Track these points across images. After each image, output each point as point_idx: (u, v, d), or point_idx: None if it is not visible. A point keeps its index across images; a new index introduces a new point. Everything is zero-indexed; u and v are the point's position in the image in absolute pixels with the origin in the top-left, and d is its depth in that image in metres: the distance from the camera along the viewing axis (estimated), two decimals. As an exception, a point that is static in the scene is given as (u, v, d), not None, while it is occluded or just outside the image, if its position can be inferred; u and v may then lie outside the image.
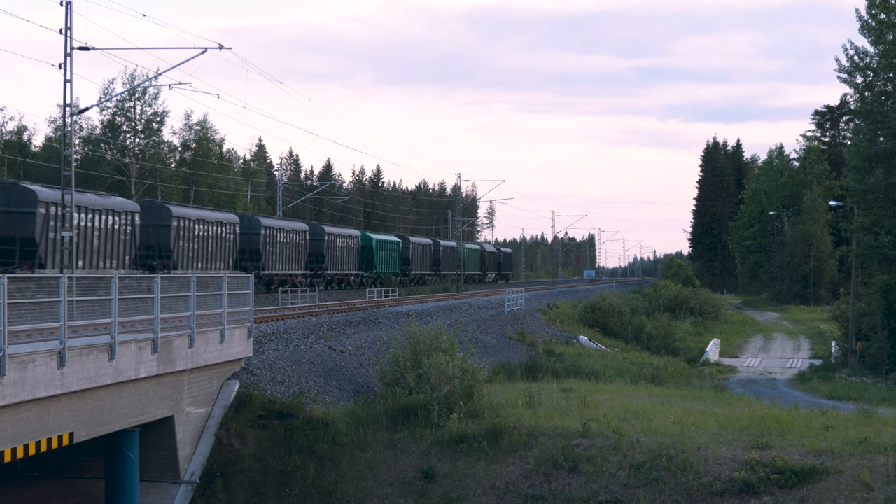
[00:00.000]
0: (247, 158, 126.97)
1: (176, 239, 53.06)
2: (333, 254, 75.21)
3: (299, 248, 69.08)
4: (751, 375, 48.26)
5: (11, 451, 17.03)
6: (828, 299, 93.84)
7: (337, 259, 75.70)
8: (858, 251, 51.20)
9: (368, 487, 22.72)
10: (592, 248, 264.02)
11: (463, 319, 45.03)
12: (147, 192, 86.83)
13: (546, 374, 36.17)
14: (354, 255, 79.68)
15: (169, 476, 22.48)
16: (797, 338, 68.83)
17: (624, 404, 27.69)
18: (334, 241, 75.48)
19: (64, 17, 38.37)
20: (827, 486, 20.90)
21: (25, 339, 18.18)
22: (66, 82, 38.86)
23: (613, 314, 64.12)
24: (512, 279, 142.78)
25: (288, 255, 66.76)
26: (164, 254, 52.57)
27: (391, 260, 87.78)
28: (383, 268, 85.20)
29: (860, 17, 49.76)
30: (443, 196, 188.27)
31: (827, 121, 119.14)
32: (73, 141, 40.05)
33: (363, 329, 37.92)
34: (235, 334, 25.00)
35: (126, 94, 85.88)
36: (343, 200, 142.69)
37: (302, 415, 24.33)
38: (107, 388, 19.32)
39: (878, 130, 49.47)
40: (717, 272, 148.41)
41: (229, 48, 41.72)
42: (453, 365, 27.40)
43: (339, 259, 76.14)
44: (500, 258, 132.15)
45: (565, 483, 22.08)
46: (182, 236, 53.85)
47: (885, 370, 45.78)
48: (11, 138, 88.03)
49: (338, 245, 76.02)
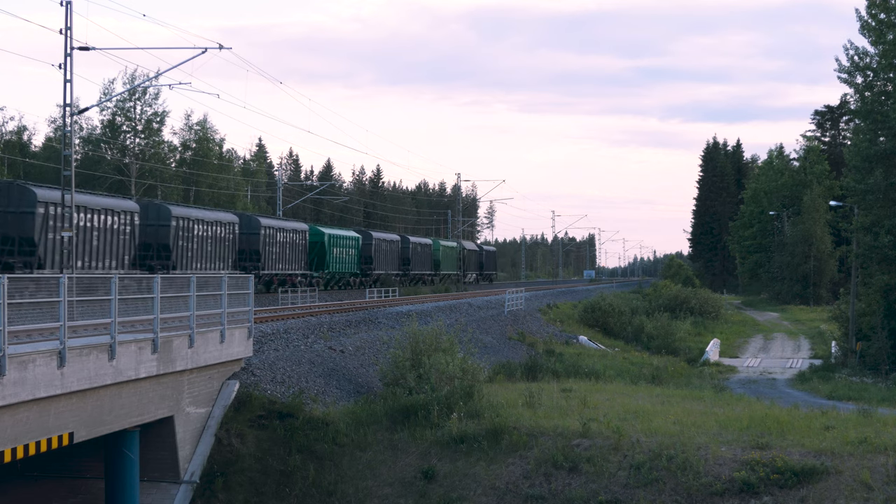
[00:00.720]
0: (247, 158, 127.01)
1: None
2: (272, 250, 64.54)
3: (225, 242, 58.42)
4: (751, 375, 48.26)
5: (11, 451, 17.03)
6: (828, 299, 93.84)
7: (277, 256, 65.02)
8: (858, 251, 51.20)
9: (368, 487, 22.72)
10: (592, 248, 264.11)
11: (463, 319, 45.03)
12: (147, 192, 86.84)
13: (546, 374, 36.17)
14: (300, 252, 68.87)
15: (169, 476, 22.48)
16: (797, 338, 68.83)
17: (624, 404, 27.69)
18: (273, 236, 64.73)
19: (64, 17, 38.42)
20: (827, 486, 20.90)
21: (25, 339, 18.18)
22: (66, 82, 38.87)
23: (613, 314, 64.13)
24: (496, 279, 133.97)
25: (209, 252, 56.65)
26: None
27: (348, 258, 77.31)
28: (338, 267, 75.18)
29: (860, 17, 49.77)
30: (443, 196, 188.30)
31: (827, 121, 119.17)
32: (73, 141, 40.07)
33: (363, 329, 37.92)
34: (235, 334, 25.00)
35: (126, 94, 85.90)
36: (343, 200, 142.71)
37: (302, 415, 24.33)
38: (107, 388, 19.32)
39: (878, 130, 49.48)
40: (717, 272, 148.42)
41: (229, 48, 41.77)
42: (453, 365, 27.40)
43: (279, 256, 65.29)
44: (481, 257, 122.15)
45: (565, 483, 22.08)
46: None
47: (885, 370, 45.78)
48: (11, 138, 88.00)
49: (278, 240, 65.08)
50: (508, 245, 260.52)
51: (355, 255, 78.81)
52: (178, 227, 53.10)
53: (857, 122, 54.10)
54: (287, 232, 63.99)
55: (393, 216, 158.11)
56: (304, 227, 67.28)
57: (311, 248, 70.96)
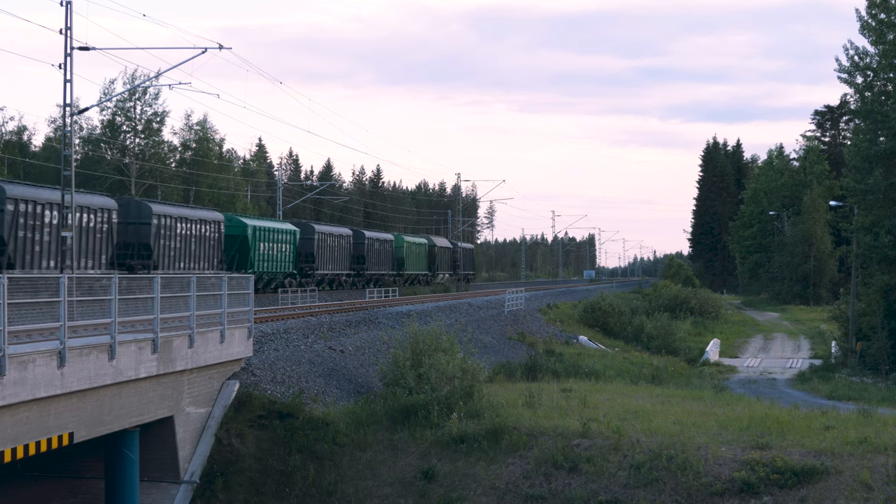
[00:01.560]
0: (247, 158, 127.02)
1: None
2: (169, 245, 51.77)
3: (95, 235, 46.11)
4: (751, 375, 48.25)
5: (11, 451, 17.03)
6: (828, 299, 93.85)
7: (176, 252, 52.63)
8: (858, 251, 51.19)
9: (368, 487, 22.72)
10: (592, 248, 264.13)
11: (463, 319, 45.06)
12: (147, 192, 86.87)
13: (546, 374, 36.18)
14: (211, 247, 56.41)
15: (169, 476, 22.48)
16: (797, 338, 68.82)
17: (624, 404, 27.69)
18: (171, 227, 51.99)
19: (64, 17, 38.40)
20: (827, 486, 20.90)
21: (25, 339, 18.18)
22: (66, 82, 38.87)
23: (613, 314, 64.14)
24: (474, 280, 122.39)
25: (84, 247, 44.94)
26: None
27: (280, 256, 64.73)
28: (267, 266, 62.79)
29: (860, 17, 49.77)
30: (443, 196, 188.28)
31: (827, 121, 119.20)
32: (73, 141, 40.05)
33: (363, 329, 37.93)
34: (235, 334, 25.01)
35: (126, 94, 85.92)
36: (343, 200, 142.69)
37: (302, 415, 24.33)
38: (107, 388, 19.32)
39: (878, 130, 49.48)
40: (717, 272, 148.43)
41: (229, 48, 41.77)
42: (453, 365, 27.41)
43: (179, 252, 52.92)
44: (456, 255, 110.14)
45: (565, 483, 22.08)
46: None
47: (885, 370, 45.79)
48: (11, 138, 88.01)
49: (178, 232, 52.67)
50: (508, 245, 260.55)
51: (290, 252, 66.08)
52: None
53: (857, 122, 54.09)
54: (192, 222, 53.69)
55: (393, 216, 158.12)
56: (218, 217, 57.26)
57: (230, 242, 59.31)
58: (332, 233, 75.28)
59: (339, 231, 77.44)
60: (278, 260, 64.44)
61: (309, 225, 72.04)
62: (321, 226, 75.16)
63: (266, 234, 62.66)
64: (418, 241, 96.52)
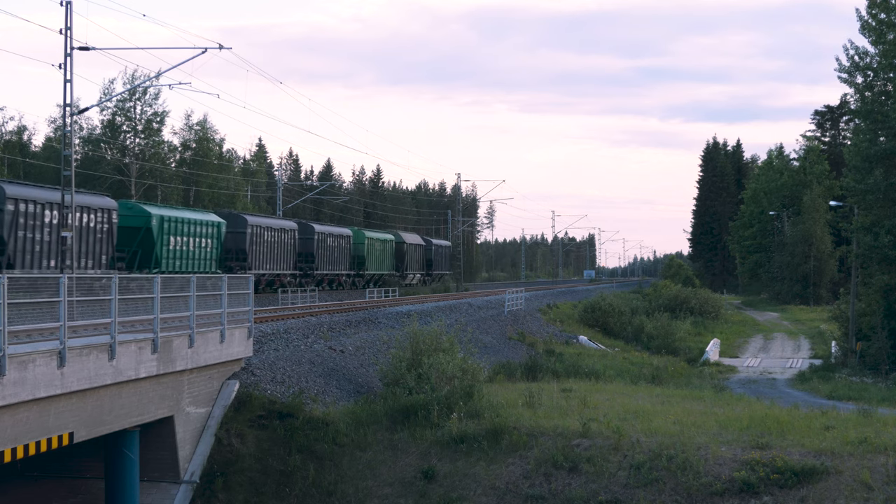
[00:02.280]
0: (247, 158, 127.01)
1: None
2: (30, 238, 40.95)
3: None
4: (751, 375, 48.25)
5: (11, 451, 17.02)
6: (828, 299, 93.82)
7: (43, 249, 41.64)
8: (858, 251, 51.18)
9: (368, 487, 22.72)
10: (592, 248, 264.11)
11: (463, 319, 45.07)
12: (147, 192, 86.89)
13: (546, 374, 36.18)
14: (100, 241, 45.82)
15: (169, 476, 22.48)
16: (797, 338, 68.81)
17: (624, 404, 27.69)
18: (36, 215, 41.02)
19: (64, 17, 38.41)
20: (827, 486, 20.89)
21: (25, 339, 18.18)
22: (66, 82, 38.87)
23: (613, 314, 64.14)
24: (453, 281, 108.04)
25: None
26: None
27: (199, 253, 54.15)
28: (179, 265, 52.18)
29: (860, 16, 49.75)
30: (443, 196, 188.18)
31: (827, 121, 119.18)
32: (73, 141, 40.05)
33: (363, 329, 37.93)
34: (235, 334, 25.00)
35: (126, 94, 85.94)
36: (343, 200, 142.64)
37: (302, 415, 24.33)
38: (107, 388, 19.32)
39: (878, 130, 49.47)
40: (717, 272, 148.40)
41: (229, 48, 41.80)
42: (453, 365, 27.41)
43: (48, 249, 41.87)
44: (430, 254, 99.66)
45: (565, 483, 22.08)
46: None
47: (885, 370, 45.78)
48: (11, 138, 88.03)
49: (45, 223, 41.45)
50: (508, 245, 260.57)
51: (213, 249, 55.73)
52: None
53: (857, 122, 54.09)
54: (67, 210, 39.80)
55: (393, 216, 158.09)
56: (111, 205, 46.97)
57: (128, 235, 49.08)
58: (271, 226, 64.04)
59: (281, 224, 66.56)
60: (196, 258, 53.40)
61: (240, 217, 61.61)
62: (256, 217, 64.60)
63: (178, 227, 52.05)
64: (383, 237, 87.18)
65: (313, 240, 70.70)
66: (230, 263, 58.85)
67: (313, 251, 70.49)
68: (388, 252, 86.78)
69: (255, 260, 61.50)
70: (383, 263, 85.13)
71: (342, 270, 76.15)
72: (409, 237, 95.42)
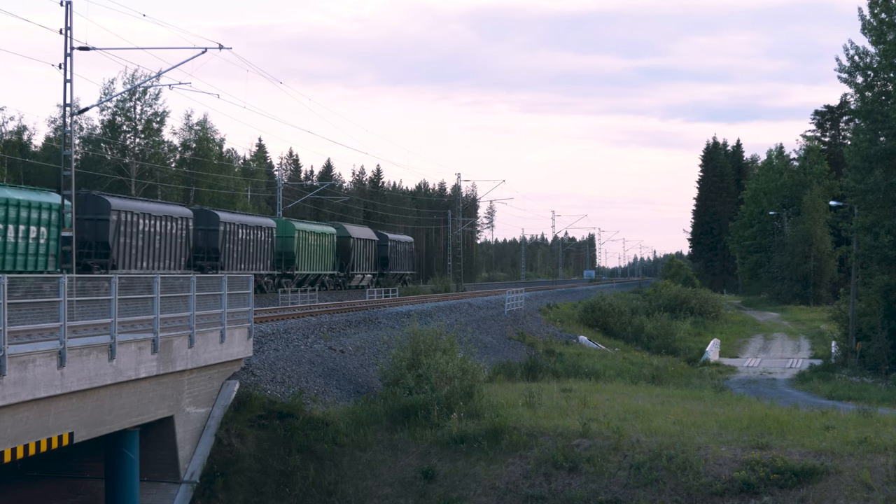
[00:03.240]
0: (247, 158, 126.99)
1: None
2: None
3: None
4: (751, 375, 48.24)
5: (11, 451, 17.02)
6: (828, 299, 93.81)
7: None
8: (858, 251, 51.17)
9: (368, 487, 22.72)
10: (592, 248, 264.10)
11: (463, 319, 45.08)
12: (147, 192, 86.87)
13: (546, 374, 36.17)
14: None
15: (169, 476, 22.47)
16: (797, 338, 68.80)
17: (624, 404, 27.69)
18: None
19: (64, 17, 38.43)
20: (827, 486, 20.89)
21: (25, 339, 18.18)
22: (66, 82, 38.89)
23: (613, 314, 64.13)
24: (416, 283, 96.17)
25: None
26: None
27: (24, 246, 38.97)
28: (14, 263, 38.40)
29: (862, 16, 49.73)
30: (443, 196, 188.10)
31: (827, 121, 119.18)
32: (73, 141, 40.06)
33: (363, 329, 37.92)
34: (235, 334, 25.00)
35: (126, 95, 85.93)
36: (343, 200, 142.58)
37: (302, 415, 24.33)
38: (107, 388, 19.31)
39: (878, 130, 49.45)
40: (717, 272, 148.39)
41: (229, 48, 41.85)
42: (453, 365, 27.40)
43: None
44: (385, 250, 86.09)
45: (565, 483, 22.07)
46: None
47: (885, 370, 45.78)
48: (11, 138, 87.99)
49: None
50: (508, 245, 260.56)
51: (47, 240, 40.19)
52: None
53: (857, 122, 54.06)
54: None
55: (393, 216, 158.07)
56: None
57: None
58: (152, 213, 49.86)
59: (169, 211, 52.39)
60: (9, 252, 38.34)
61: (101, 199, 46.77)
62: (131, 201, 50.68)
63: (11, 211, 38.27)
64: (321, 230, 73.08)
65: (217, 231, 56.62)
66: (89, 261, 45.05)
67: (217, 245, 56.76)
68: (326, 248, 73.36)
69: (127, 256, 47.68)
70: (320, 261, 72.04)
71: (261, 270, 62.27)
72: (357, 230, 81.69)
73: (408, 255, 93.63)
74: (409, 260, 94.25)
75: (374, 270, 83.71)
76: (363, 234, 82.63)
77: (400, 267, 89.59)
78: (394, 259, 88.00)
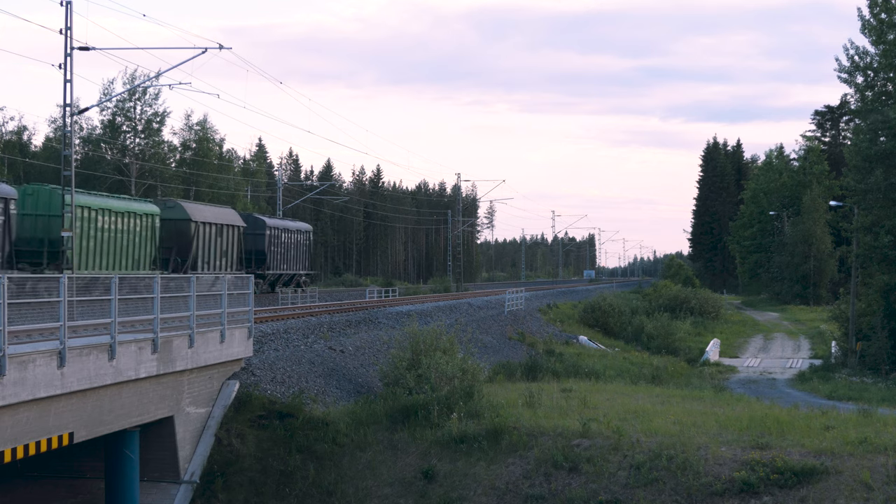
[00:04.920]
0: (247, 158, 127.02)
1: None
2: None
3: None
4: (751, 375, 48.25)
5: (11, 451, 17.02)
6: (828, 299, 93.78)
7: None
8: (858, 251, 51.17)
9: (368, 487, 22.71)
10: (592, 248, 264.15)
11: (463, 319, 45.07)
12: (147, 191, 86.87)
13: (546, 374, 36.17)
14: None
15: (169, 476, 22.47)
16: (797, 338, 68.80)
17: (624, 404, 27.68)
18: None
19: (64, 17, 38.40)
20: (827, 486, 20.88)
21: (25, 339, 18.17)
22: (66, 82, 38.87)
23: (613, 314, 64.14)
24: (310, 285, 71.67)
25: None
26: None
27: None
28: None
29: (862, 16, 49.72)
30: (443, 196, 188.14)
31: (827, 121, 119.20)
32: (73, 141, 40.05)
33: (363, 329, 37.92)
34: (235, 334, 24.99)
35: (126, 95, 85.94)
36: (343, 200, 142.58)
37: (302, 415, 24.33)
38: (107, 388, 19.31)
39: (878, 130, 49.44)
40: (717, 272, 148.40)
41: (229, 48, 41.83)
42: (453, 365, 27.40)
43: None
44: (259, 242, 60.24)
45: (565, 483, 22.07)
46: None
47: (885, 370, 45.78)
48: (11, 138, 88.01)
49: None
50: (508, 245, 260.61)
51: None
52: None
53: (857, 122, 54.05)
54: None
55: (393, 216, 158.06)
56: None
57: None
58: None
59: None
60: None
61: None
62: None
63: None
64: (119, 206, 44.57)
65: None
66: None
67: None
68: (133, 235, 45.30)
69: None
70: (119, 255, 44.27)
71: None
72: (207, 211, 53.78)
73: (301, 249, 67.64)
74: (305, 255, 68.30)
75: (238, 268, 56.02)
76: (217, 216, 54.21)
77: (287, 264, 64.31)
78: (275, 253, 62.30)
